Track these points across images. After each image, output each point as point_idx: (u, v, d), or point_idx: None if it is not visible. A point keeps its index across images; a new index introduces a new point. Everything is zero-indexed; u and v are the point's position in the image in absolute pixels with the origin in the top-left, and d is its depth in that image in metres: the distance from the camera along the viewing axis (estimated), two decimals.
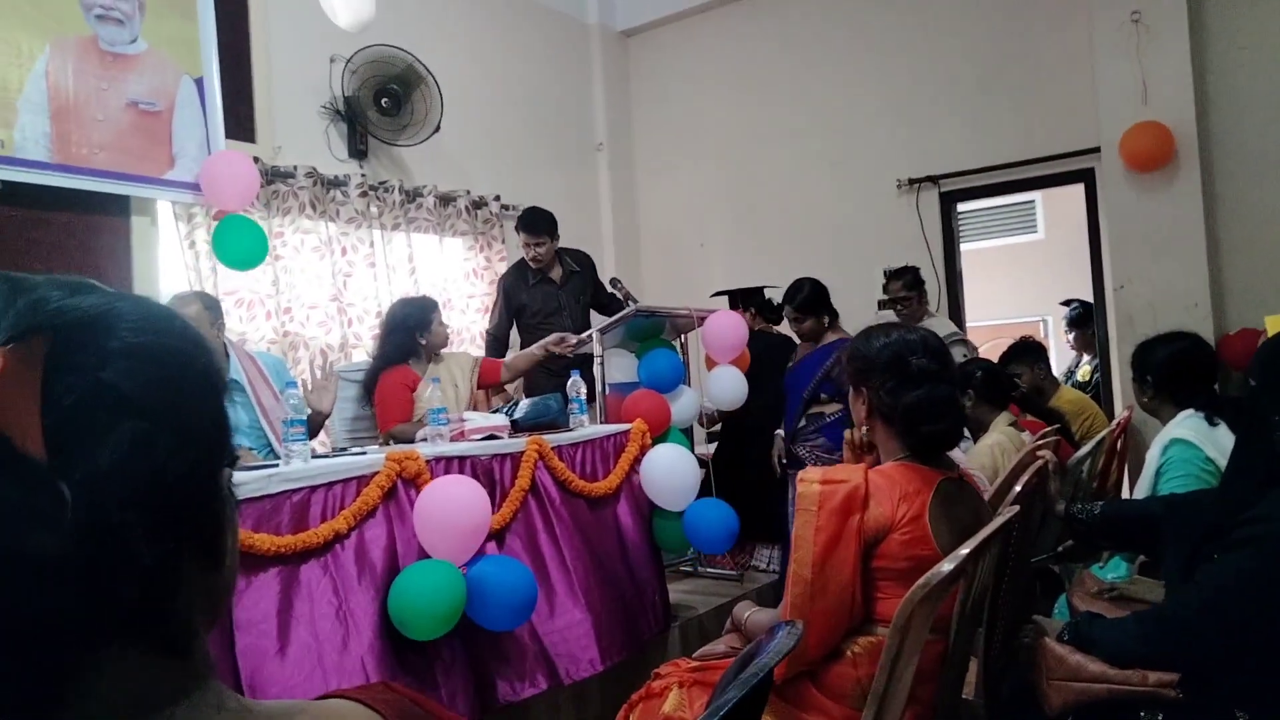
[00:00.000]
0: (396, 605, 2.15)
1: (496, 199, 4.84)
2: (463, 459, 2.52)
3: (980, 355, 4.22)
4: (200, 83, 3.42)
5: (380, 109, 4.15)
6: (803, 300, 3.79)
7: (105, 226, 3.28)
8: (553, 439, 2.84)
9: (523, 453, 2.69)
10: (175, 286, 3.40)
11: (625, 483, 3.08)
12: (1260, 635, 1.38)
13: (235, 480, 0.56)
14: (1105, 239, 4.46)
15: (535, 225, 4.10)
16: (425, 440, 2.66)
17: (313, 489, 2.11)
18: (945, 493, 1.62)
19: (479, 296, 4.79)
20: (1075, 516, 2.03)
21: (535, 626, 2.57)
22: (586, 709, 2.75)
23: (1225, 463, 2.12)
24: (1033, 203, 7.32)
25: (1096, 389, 4.68)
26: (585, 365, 3.80)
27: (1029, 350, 4.11)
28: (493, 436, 2.74)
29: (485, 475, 2.56)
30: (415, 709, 0.61)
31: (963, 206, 5.13)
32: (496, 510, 2.51)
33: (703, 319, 3.70)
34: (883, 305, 4.34)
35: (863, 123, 5.15)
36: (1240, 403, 1.93)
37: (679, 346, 3.99)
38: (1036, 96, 4.63)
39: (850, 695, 1.55)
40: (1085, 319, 4.98)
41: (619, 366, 3.80)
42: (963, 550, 1.40)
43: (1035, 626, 1.65)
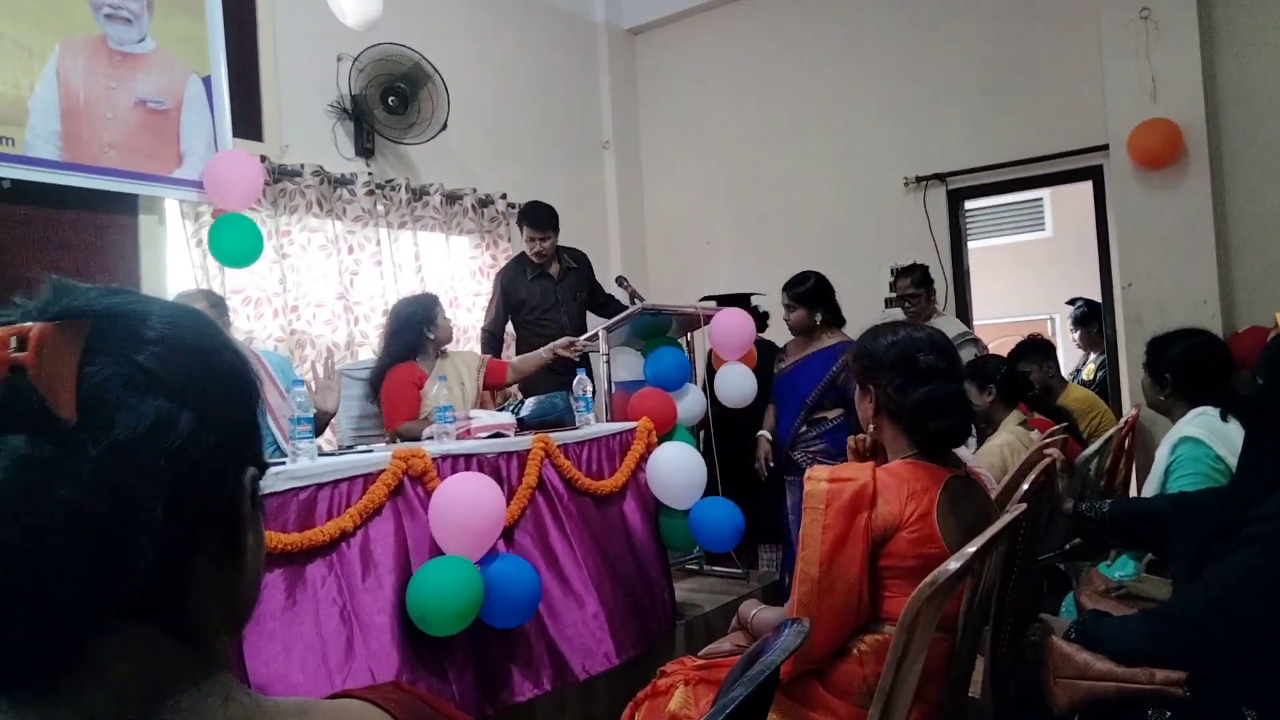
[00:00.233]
0: (416, 601, 2.16)
1: (503, 197, 4.84)
2: (469, 457, 2.53)
3: (991, 354, 4.20)
4: (208, 81, 3.43)
5: (387, 107, 4.16)
6: (804, 291, 3.64)
7: (113, 225, 3.30)
8: (559, 437, 2.84)
9: (529, 451, 2.70)
10: (182, 285, 3.41)
11: (631, 481, 3.08)
12: (1268, 633, 1.37)
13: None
14: (1113, 237, 4.44)
15: (539, 219, 4.09)
16: (432, 438, 2.66)
17: (319, 487, 2.11)
18: (953, 490, 1.62)
19: (485, 294, 4.78)
20: (1084, 514, 2.02)
21: (546, 623, 2.57)
22: (593, 707, 2.75)
23: (1235, 461, 2.11)
24: (1041, 200, 7.28)
25: (1102, 387, 4.67)
26: (584, 363, 3.82)
27: (1037, 348, 4.11)
28: (499, 435, 2.75)
29: (492, 473, 2.56)
30: (426, 709, 0.61)
31: (970, 204, 5.11)
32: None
33: (709, 317, 3.70)
34: (890, 303, 4.33)
35: (870, 120, 5.14)
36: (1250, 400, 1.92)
37: (685, 345, 4.00)
38: (1044, 94, 4.61)
39: (857, 693, 1.54)
40: (1090, 317, 4.96)
41: (625, 365, 3.80)
42: (969, 548, 1.40)
43: (1042, 625, 1.65)
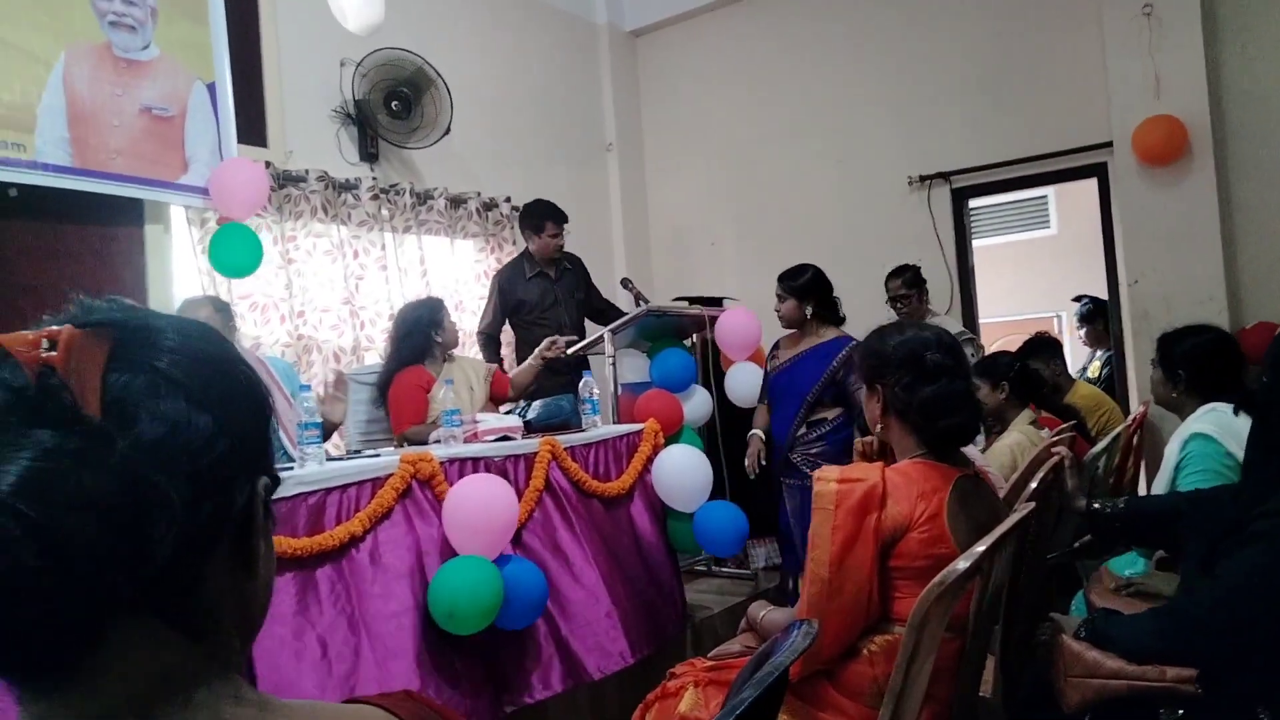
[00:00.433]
0: (440, 600, 2.16)
1: (507, 200, 4.85)
2: (476, 460, 2.53)
3: (989, 352, 4.19)
4: (212, 88, 3.44)
5: (390, 112, 4.16)
6: (801, 284, 3.47)
7: (120, 234, 3.31)
8: (566, 439, 2.85)
9: (536, 453, 2.70)
10: (188, 291, 3.42)
11: (639, 482, 3.08)
12: (1277, 629, 1.36)
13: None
14: (1119, 234, 4.43)
15: (560, 214, 4.15)
16: (439, 442, 2.67)
17: (327, 491, 2.12)
18: (962, 490, 1.61)
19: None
20: (1099, 512, 2.01)
21: (558, 624, 2.57)
22: (604, 708, 2.75)
23: None
24: (1045, 198, 7.27)
25: (1108, 384, 4.66)
26: (583, 365, 3.84)
27: (1045, 346, 4.09)
28: (506, 437, 2.75)
29: (499, 476, 2.56)
30: (438, 717, 0.61)
31: (974, 203, 5.10)
32: None
33: (714, 318, 3.70)
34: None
35: (873, 120, 5.13)
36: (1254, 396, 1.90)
37: (691, 346, 4.00)
38: (1048, 91, 4.60)
39: (867, 694, 1.54)
40: (1095, 314, 4.95)
41: (631, 366, 3.80)
42: (978, 548, 1.40)
43: (1052, 624, 1.64)
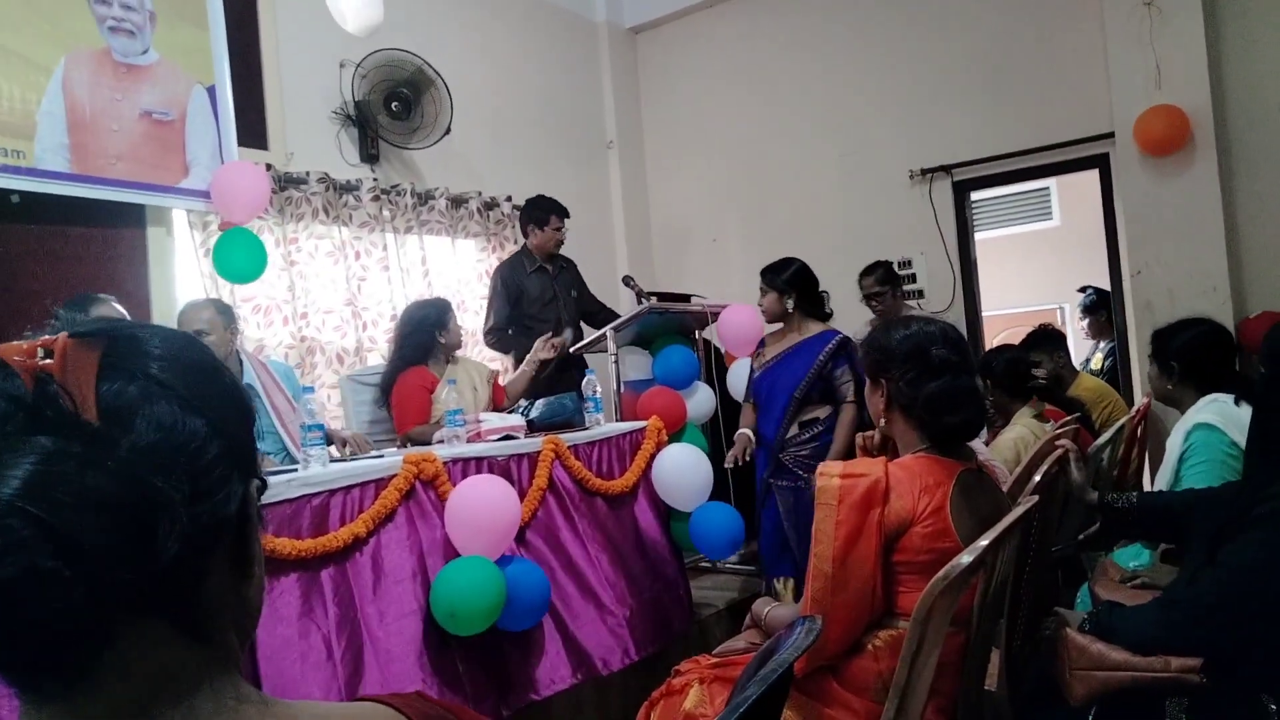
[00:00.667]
0: (443, 601, 2.17)
1: (508, 199, 4.85)
2: (480, 460, 2.54)
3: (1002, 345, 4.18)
4: (212, 91, 3.45)
5: (390, 113, 4.17)
6: (782, 278, 3.33)
7: (122, 237, 3.32)
8: (569, 438, 2.85)
9: (539, 452, 2.70)
10: (191, 295, 3.42)
11: (643, 480, 3.08)
12: None
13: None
14: (1121, 224, 4.41)
15: (563, 209, 4.19)
16: (442, 442, 2.67)
17: (331, 493, 2.12)
18: (965, 484, 1.61)
19: None
20: (1112, 505, 2.00)
21: (563, 621, 2.58)
22: (609, 706, 2.75)
23: None
24: (1048, 190, 7.24)
25: (1111, 375, 4.64)
26: (582, 365, 3.88)
27: (1048, 339, 4.08)
28: (509, 437, 2.75)
29: (503, 475, 2.57)
30: (449, 716, 0.62)
31: (976, 195, 5.09)
32: None
33: (716, 314, 3.70)
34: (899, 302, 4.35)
35: (874, 113, 5.12)
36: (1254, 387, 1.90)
37: (694, 342, 4.00)
38: (1049, 82, 4.58)
39: (872, 689, 1.54)
40: (1097, 305, 4.94)
41: (634, 364, 3.80)
42: (982, 542, 1.40)
43: (1057, 617, 1.64)
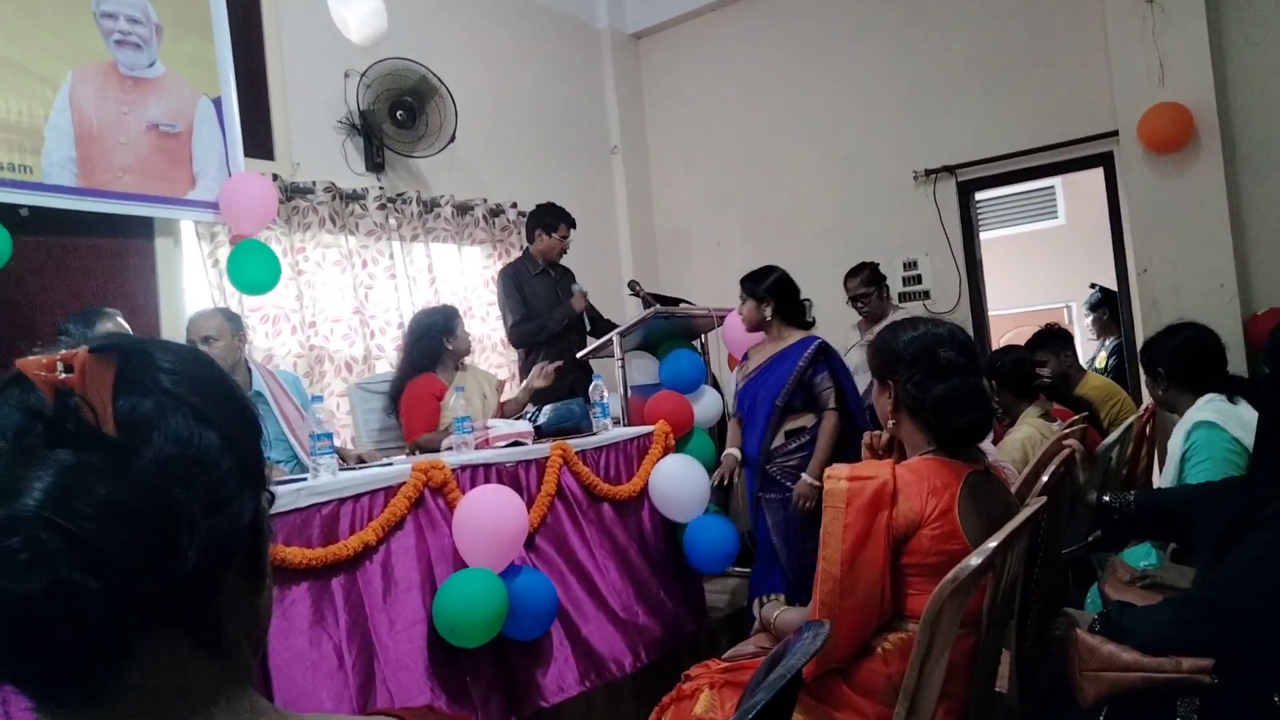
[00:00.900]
0: (444, 613, 2.17)
1: (513, 206, 4.86)
2: (488, 466, 2.54)
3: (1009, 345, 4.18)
4: (218, 103, 3.47)
5: (395, 122, 4.19)
6: (759, 286, 3.27)
7: (131, 248, 3.34)
8: (577, 443, 2.85)
9: (547, 458, 2.71)
10: (200, 304, 3.44)
11: (651, 484, 3.08)
12: None
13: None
14: (1127, 222, 4.40)
15: (572, 219, 4.21)
16: (451, 449, 2.68)
17: (341, 501, 2.13)
18: (974, 485, 1.61)
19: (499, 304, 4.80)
20: (1109, 506, 2.01)
21: (572, 627, 2.58)
22: (619, 712, 2.75)
23: (1251, 442, 2.11)
24: (1052, 188, 7.23)
25: (1116, 373, 4.63)
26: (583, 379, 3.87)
27: (1054, 338, 4.08)
28: (517, 443, 2.76)
29: (511, 482, 2.58)
30: None
31: (981, 195, 5.09)
32: None
33: (722, 318, 3.70)
34: (898, 304, 4.34)
35: (877, 115, 5.12)
36: (1259, 386, 1.91)
37: (699, 346, 4.00)
38: (1052, 81, 4.58)
39: (882, 692, 1.54)
40: (1101, 303, 4.93)
41: (640, 368, 3.81)
42: (990, 544, 1.40)
43: (1067, 618, 1.64)
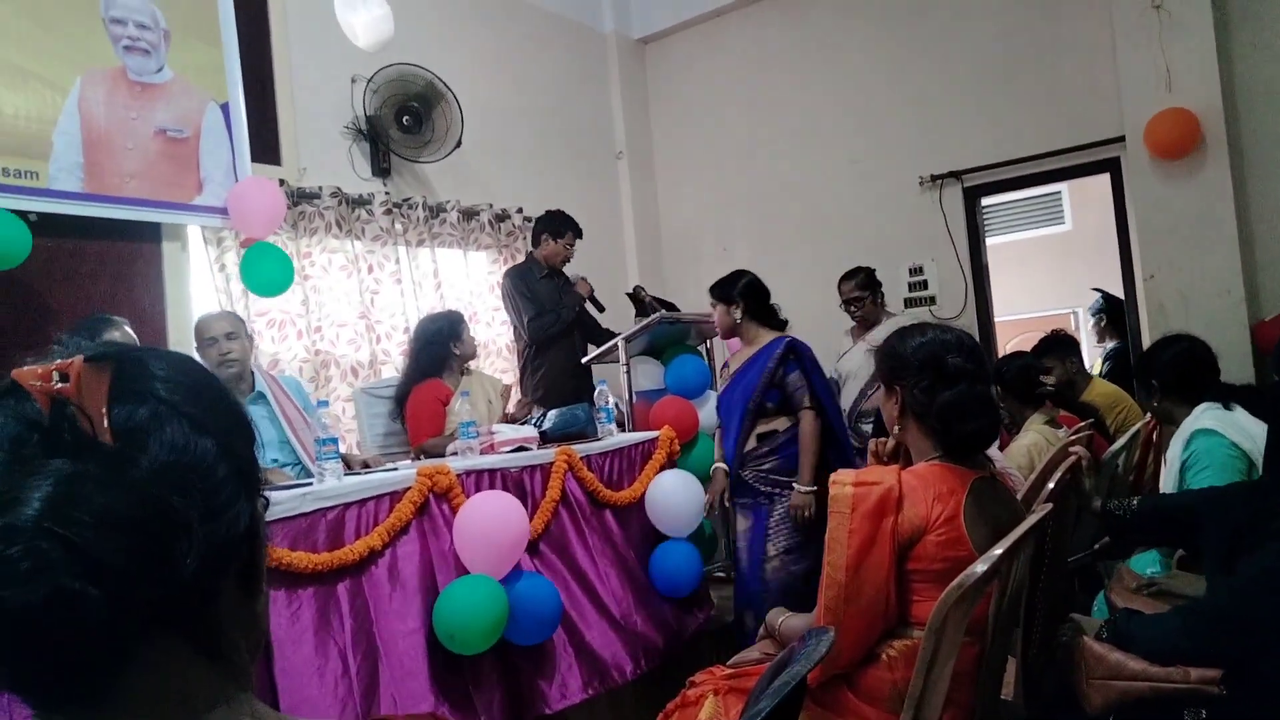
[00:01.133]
0: (443, 620, 2.17)
1: (519, 211, 4.87)
2: (493, 471, 2.54)
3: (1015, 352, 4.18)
4: (225, 108, 3.48)
5: (402, 127, 4.20)
6: (733, 290, 3.19)
7: (138, 253, 3.36)
8: (581, 449, 2.85)
9: (552, 463, 2.71)
10: (206, 309, 3.46)
11: (647, 497, 3.07)
12: None
13: (272, 499, 0.60)
14: (1134, 228, 4.40)
15: (580, 229, 4.21)
16: (456, 454, 2.68)
17: (346, 506, 2.13)
18: (979, 492, 1.60)
19: (504, 309, 4.80)
20: (1112, 513, 2.01)
21: (575, 633, 2.58)
22: (623, 718, 2.75)
23: (1250, 447, 2.12)
24: (1059, 194, 7.22)
25: (1116, 379, 4.62)
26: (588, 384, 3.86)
27: (1060, 344, 4.06)
28: (522, 448, 2.76)
29: (516, 487, 2.58)
30: None
31: (987, 201, 5.08)
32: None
33: None
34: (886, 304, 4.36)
35: (883, 121, 5.12)
36: (1261, 392, 1.90)
37: (704, 351, 4.00)
38: (1058, 87, 4.58)
39: (886, 699, 1.54)
40: (1098, 310, 4.94)
41: (645, 373, 3.81)
42: (996, 550, 1.39)
43: (1074, 625, 1.63)
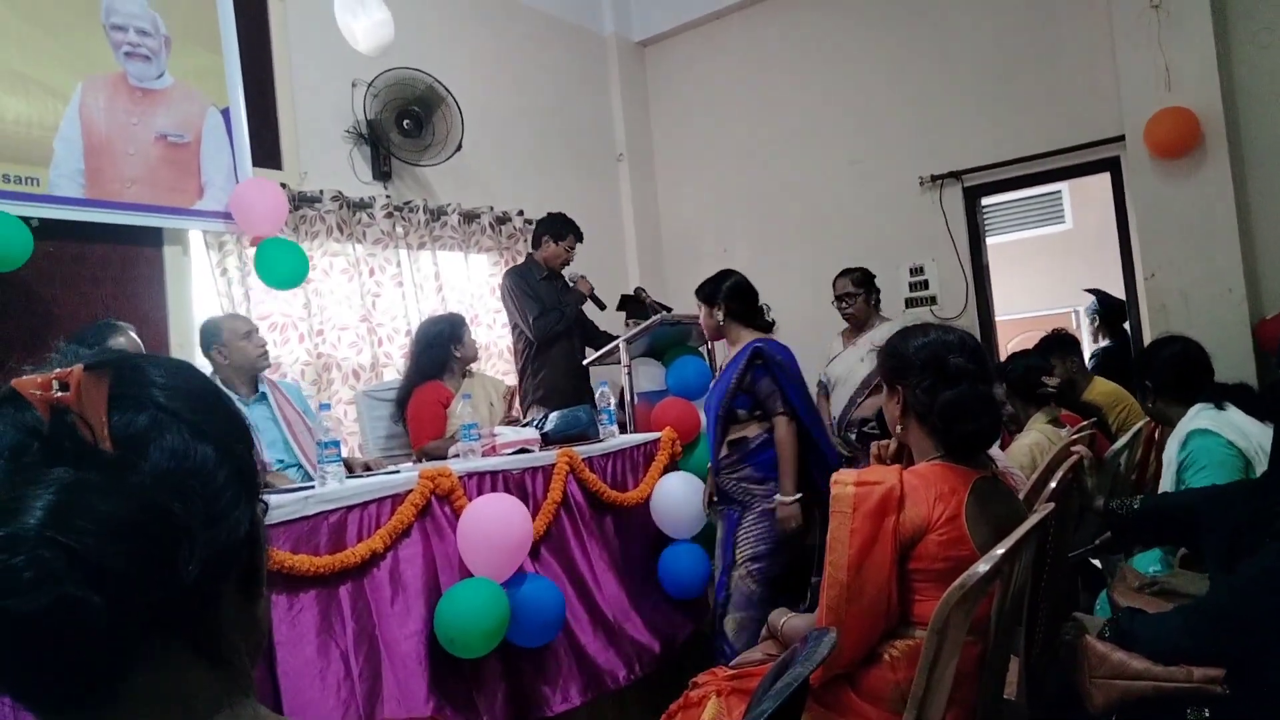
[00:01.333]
0: (444, 624, 2.17)
1: (520, 214, 4.88)
2: (495, 474, 2.54)
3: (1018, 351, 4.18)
4: (226, 113, 3.49)
5: (402, 130, 4.20)
6: (718, 291, 3.05)
7: (140, 258, 3.36)
8: (583, 450, 2.85)
9: (554, 465, 2.71)
10: (208, 312, 3.46)
11: (652, 500, 3.07)
12: None
13: (272, 503, 0.60)
14: (1134, 227, 4.40)
15: (581, 233, 4.22)
16: (458, 456, 2.68)
17: (348, 509, 2.14)
18: (981, 492, 1.60)
19: (505, 311, 4.80)
20: (1114, 512, 2.01)
21: (575, 636, 2.58)
22: (626, 719, 2.75)
23: (1246, 445, 2.13)
24: (1059, 193, 7.22)
25: (1116, 378, 4.62)
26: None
27: (1061, 343, 4.06)
28: (524, 450, 2.76)
29: (517, 489, 2.58)
30: None
31: (987, 200, 5.08)
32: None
33: None
34: (884, 303, 4.36)
35: (883, 121, 5.12)
36: (1253, 390, 1.90)
37: (705, 353, 4.00)
38: (1058, 86, 4.58)
39: (889, 699, 1.54)
40: (1092, 310, 4.95)
41: (646, 375, 3.81)
42: (998, 550, 1.39)
43: (1076, 624, 1.63)
